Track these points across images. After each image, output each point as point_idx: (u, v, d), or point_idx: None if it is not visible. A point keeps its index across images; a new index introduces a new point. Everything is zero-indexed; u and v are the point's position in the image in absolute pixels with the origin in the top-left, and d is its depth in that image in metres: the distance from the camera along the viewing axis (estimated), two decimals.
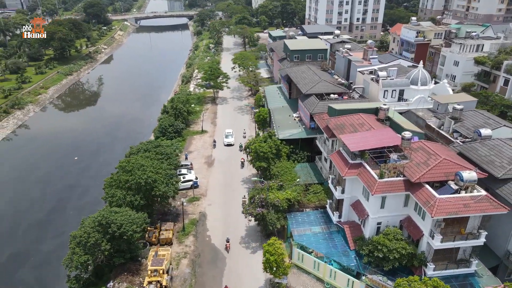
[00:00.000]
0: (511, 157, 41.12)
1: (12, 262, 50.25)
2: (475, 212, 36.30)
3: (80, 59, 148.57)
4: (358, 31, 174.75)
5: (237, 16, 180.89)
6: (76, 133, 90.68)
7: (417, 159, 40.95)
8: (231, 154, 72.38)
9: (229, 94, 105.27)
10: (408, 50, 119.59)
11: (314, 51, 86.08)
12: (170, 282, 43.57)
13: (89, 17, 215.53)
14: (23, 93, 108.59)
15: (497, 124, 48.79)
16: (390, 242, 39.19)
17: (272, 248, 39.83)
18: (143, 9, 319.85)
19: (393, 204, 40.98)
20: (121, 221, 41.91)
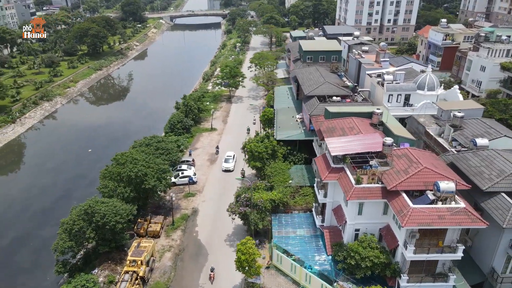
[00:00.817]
0: (502, 170, 38.95)
1: (13, 245, 53.55)
2: (450, 225, 34.74)
3: (111, 55, 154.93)
4: (389, 33, 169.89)
5: (266, 16, 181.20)
6: (95, 126, 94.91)
7: (399, 166, 39.68)
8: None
9: (245, 93, 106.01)
10: (435, 54, 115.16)
11: (328, 53, 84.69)
12: (150, 274, 44.93)
13: (126, 15, 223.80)
14: (53, 86, 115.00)
15: (497, 134, 46.21)
16: (363, 250, 38.34)
17: (244, 248, 40.06)
18: (181, 8, 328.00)
19: (371, 211, 39.98)
20: (105, 211, 43.73)
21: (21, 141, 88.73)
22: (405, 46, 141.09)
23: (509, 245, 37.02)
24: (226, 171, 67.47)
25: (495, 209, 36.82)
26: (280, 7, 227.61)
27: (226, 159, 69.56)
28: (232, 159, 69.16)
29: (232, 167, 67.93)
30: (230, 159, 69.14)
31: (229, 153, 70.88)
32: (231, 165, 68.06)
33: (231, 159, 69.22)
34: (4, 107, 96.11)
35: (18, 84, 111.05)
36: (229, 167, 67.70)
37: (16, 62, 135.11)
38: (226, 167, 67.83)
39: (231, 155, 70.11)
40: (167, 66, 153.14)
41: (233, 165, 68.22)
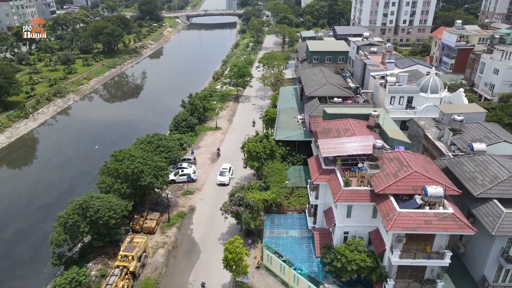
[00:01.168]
0: (495, 176, 37.94)
1: (15, 237, 55.21)
2: (437, 230, 34.06)
3: (125, 53, 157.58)
4: (404, 34, 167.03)
5: (280, 16, 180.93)
6: (105, 123, 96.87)
7: (389, 170, 39.14)
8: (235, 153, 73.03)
9: (253, 93, 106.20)
10: (449, 56, 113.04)
11: (334, 53, 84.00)
12: (141, 269, 45.66)
13: (143, 14, 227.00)
14: (66, 83, 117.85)
15: (497, 139, 44.99)
16: (350, 253, 38.00)
17: (231, 247, 40.31)
18: (198, 7, 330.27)
19: (360, 214, 39.54)
20: (99, 206, 44.73)
21: (32, 136, 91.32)
22: (419, 48, 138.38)
23: (500, 253, 36.10)
24: (221, 185, 63.12)
25: (485, 215, 35.92)
26: (296, 7, 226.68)
27: (221, 172, 65.13)
28: (228, 172, 64.87)
29: (227, 181, 63.28)
30: (226, 172, 64.84)
31: (225, 166, 66.62)
32: (226, 178, 63.41)
33: (227, 171, 64.90)
34: (18, 102, 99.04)
35: (33, 81, 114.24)
36: (224, 181, 63.20)
37: (34, 59, 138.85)
38: (221, 181, 63.48)
39: (226, 168, 65.74)
40: (180, 65, 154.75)
41: (228, 178, 63.38)
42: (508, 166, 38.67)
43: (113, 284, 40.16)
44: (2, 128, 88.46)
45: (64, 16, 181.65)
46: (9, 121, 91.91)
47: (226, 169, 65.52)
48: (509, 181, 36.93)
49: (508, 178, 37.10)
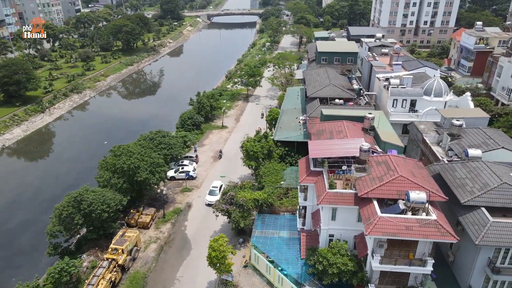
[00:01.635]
0: (486, 183, 36.71)
1: (18, 227, 57.21)
2: (418, 237, 33.28)
3: (144, 51, 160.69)
4: (425, 35, 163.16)
5: (297, 15, 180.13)
6: (117, 119, 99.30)
7: (376, 173, 38.50)
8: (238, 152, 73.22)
9: (264, 93, 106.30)
10: (467, 58, 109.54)
11: (343, 54, 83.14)
12: (131, 263, 46.65)
13: (165, 13, 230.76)
14: (84, 79, 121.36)
15: (495, 145, 43.48)
16: (332, 256, 37.65)
17: (215, 244, 40.66)
18: (221, 6, 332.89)
19: (345, 217, 39.09)
20: (92, 199, 45.98)
21: (47, 130, 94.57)
22: (437, 50, 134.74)
23: (487, 263, 34.92)
24: (210, 205, 56.08)
25: (471, 224, 34.84)
26: (316, 7, 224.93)
27: (211, 191, 59.33)
28: (219, 191, 58.37)
29: (216, 201, 54.20)
30: (216, 191, 58.86)
31: (215, 183, 60.73)
32: (216, 198, 55.68)
33: (217, 190, 58.75)
34: (37, 97, 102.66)
35: (52, 77, 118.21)
36: (213, 202, 54.97)
37: (56, 56, 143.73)
38: (210, 201, 56.97)
39: (217, 186, 59.64)
40: (197, 63, 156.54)
41: (218, 198, 54.59)
42: (500, 174, 37.35)
43: (100, 276, 41.22)
44: (18, 122, 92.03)
45: (87, 14, 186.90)
46: (26, 115, 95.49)
47: (216, 188, 59.50)
48: (499, 189, 35.67)
49: (499, 186, 35.84)
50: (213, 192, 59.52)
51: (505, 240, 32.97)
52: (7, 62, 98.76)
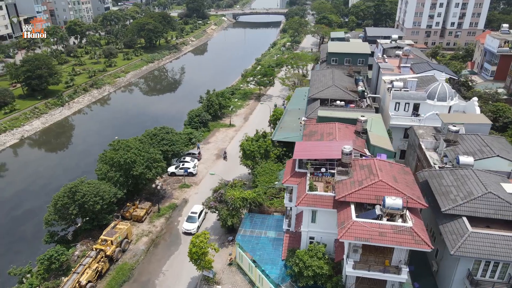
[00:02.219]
0: (470, 192, 35.36)
1: (23, 216, 59.94)
2: (391, 243, 32.49)
3: (166, 49, 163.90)
4: (452, 37, 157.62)
5: (320, 15, 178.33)
6: (131, 114, 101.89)
7: (357, 177, 37.87)
8: None
9: (276, 93, 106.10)
10: (491, 62, 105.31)
11: (354, 55, 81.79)
12: (120, 254, 47.98)
13: (190, 12, 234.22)
14: (104, 75, 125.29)
15: (490, 153, 41.71)
16: (309, 259, 37.34)
17: (196, 240, 41.22)
18: (248, 5, 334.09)
19: (325, 220, 38.67)
20: (85, 191, 47.65)
21: (65, 123, 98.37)
22: (461, 52, 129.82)
23: (466, 275, 33.66)
24: (187, 234, 51.98)
25: (450, 233, 33.70)
26: (342, 7, 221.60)
27: (189, 217, 53.48)
28: (198, 218, 53.13)
29: (194, 229, 51.59)
30: (195, 218, 53.11)
31: (195, 208, 54.86)
32: (194, 226, 51.99)
33: (196, 217, 53.17)
34: (58, 91, 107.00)
35: (75, 72, 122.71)
36: (190, 230, 51.64)
37: (81, 52, 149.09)
38: (186, 230, 52.03)
39: (196, 212, 53.75)
40: (216, 62, 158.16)
41: (196, 226, 51.83)
42: (487, 183, 35.88)
43: (86, 265, 42.69)
44: (38, 114, 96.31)
45: (114, 12, 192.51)
46: (46, 108, 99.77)
47: (195, 214, 53.75)
48: (483, 199, 34.28)
49: (483, 195, 34.45)
50: (192, 218, 53.35)
51: (484, 252, 31.69)
52: (30, 58, 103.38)
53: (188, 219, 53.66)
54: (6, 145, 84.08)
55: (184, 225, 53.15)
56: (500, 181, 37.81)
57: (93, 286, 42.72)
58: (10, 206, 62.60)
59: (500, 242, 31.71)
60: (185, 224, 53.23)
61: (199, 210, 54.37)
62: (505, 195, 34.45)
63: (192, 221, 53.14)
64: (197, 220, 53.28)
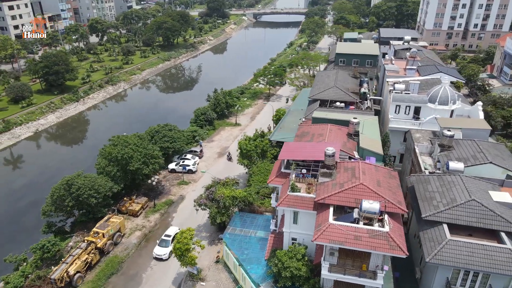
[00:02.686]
0: (454, 198, 34.38)
1: (27, 206, 62.04)
2: (365, 248, 32.01)
3: (183, 47, 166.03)
4: (475, 39, 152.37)
5: (337, 16, 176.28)
6: (142, 111, 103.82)
7: (340, 179, 37.46)
8: None
9: (286, 93, 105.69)
10: (510, 66, 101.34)
11: (362, 56, 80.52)
12: (112, 247, 49.15)
13: (211, 11, 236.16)
14: (120, 72, 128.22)
15: (483, 160, 40.37)
16: (288, 260, 37.23)
17: (180, 237, 41.78)
18: (270, 5, 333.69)
19: (307, 222, 38.36)
20: (80, 184, 49.09)
21: (78, 118, 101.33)
22: (482, 55, 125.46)
23: (445, 283, 32.76)
24: (158, 259, 47.82)
25: (429, 240, 32.89)
26: (362, 7, 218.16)
27: (161, 241, 48.81)
28: (171, 242, 47.76)
29: (166, 254, 47.37)
30: (168, 241, 48.41)
31: (169, 231, 50.22)
32: (166, 251, 47.59)
33: (169, 240, 48.40)
34: (74, 87, 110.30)
35: (92, 69, 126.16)
36: (161, 255, 47.46)
37: (101, 49, 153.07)
38: (157, 255, 47.63)
39: (170, 235, 49.10)
40: (233, 60, 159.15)
41: (169, 251, 47.20)
42: (473, 190, 34.78)
43: (76, 256, 44.00)
44: (54, 109, 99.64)
45: (136, 11, 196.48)
46: (62, 103, 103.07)
47: (168, 237, 48.92)
48: (466, 206, 33.27)
49: (466, 203, 33.45)
50: (164, 242, 48.53)
51: (461, 261, 30.80)
52: (48, 54, 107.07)
53: (161, 243, 48.67)
54: (21, 138, 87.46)
55: (156, 250, 48.25)
56: (489, 188, 36.57)
57: (81, 277, 44.01)
58: (17, 197, 65.12)
59: (478, 251, 30.72)
60: (156, 249, 48.30)
61: (173, 233, 49.14)
62: (489, 203, 33.30)
63: (165, 245, 48.28)
64: (170, 244, 47.79)
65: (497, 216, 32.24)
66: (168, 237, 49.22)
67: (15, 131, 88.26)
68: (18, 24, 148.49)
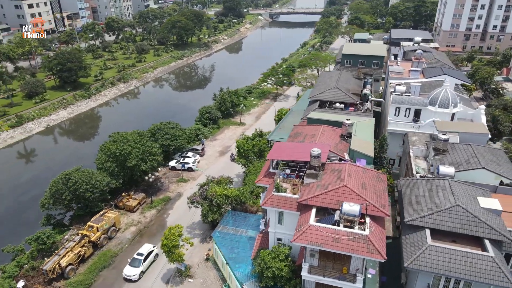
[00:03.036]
0: (439, 203, 33.65)
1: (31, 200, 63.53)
2: (344, 250, 31.67)
3: (196, 46, 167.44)
4: (493, 41, 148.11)
5: (352, 16, 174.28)
6: (152, 109, 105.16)
7: (325, 181, 37.14)
8: None
9: (294, 93, 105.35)
10: None
11: (368, 57, 79.26)
12: (106, 241, 50.12)
13: (227, 10, 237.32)
14: (133, 70, 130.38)
15: (476, 165, 39.34)
16: (271, 260, 37.23)
17: (168, 233, 42.31)
18: (288, 5, 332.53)
19: (291, 222, 38.08)
20: (77, 179, 50.27)
21: (89, 114, 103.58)
22: (498, 57, 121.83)
23: None
24: (127, 280, 44.34)
25: (410, 245, 32.27)
26: (379, 8, 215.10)
27: (133, 260, 45.34)
28: (143, 261, 45.03)
29: (136, 275, 43.96)
30: (139, 260, 44.98)
31: (142, 249, 46.66)
32: (136, 272, 44.17)
33: (141, 260, 45.02)
34: (86, 84, 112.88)
35: (106, 66, 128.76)
36: (131, 276, 44.03)
37: (116, 47, 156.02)
38: (127, 275, 44.20)
39: (143, 254, 45.65)
40: (245, 60, 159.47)
41: (139, 272, 44.25)
42: (459, 195, 33.97)
43: (69, 248, 45.11)
44: (65, 105, 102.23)
45: (152, 10, 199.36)
46: (74, 99, 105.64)
47: (140, 256, 45.38)
48: (450, 211, 32.53)
49: (450, 208, 32.70)
50: (136, 262, 44.87)
51: (441, 268, 30.13)
52: (62, 51, 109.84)
53: (132, 262, 45.07)
54: (32, 132, 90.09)
55: (125, 270, 44.71)
56: (479, 194, 35.62)
57: (73, 269, 45.07)
58: (23, 190, 67.06)
59: (459, 258, 29.99)
60: (126, 269, 44.76)
61: (146, 251, 45.95)
62: (474, 210, 32.44)
63: (136, 265, 44.64)
64: (141, 264, 44.64)
65: (481, 222, 31.38)
66: (141, 255, 45.44)
67: (27, 126, 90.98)
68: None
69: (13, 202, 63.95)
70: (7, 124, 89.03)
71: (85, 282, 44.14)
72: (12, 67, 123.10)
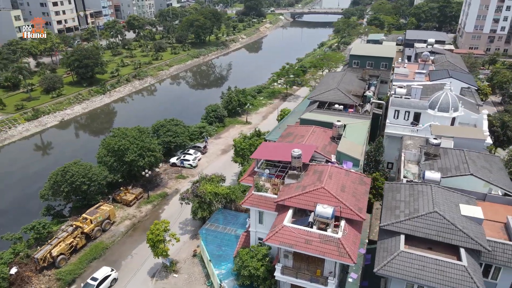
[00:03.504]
0: (417, 209, 32.79)
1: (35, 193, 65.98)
2: (314, 252, 31.49)
3: (214, 45, 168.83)
4: None
5: (371, 16, 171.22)
6: (163, 106, 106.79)
7: (305, 182, 36.94)
8: None
9: (304, 93, 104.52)
10: None
11: (377, 59, 77.95)
12: (99, 233, 51.46)
13: (248, 10, 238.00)
14: (149, 67, 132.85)
15: (465, 171, 38.07)
16: (249, 259, 37.33)
17: (154, 228, 43.07)
18: (312, 4, 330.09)
19: (271, 222, 38.01)
20: (74, 172, 51.86)
21: (103, 110, 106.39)
22: None
23: None
24: None
25: (383, 250, 31.59)
26: (402, 8, 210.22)
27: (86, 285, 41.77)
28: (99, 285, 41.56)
29: None
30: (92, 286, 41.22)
31: (98, 273, 42.88)
32: None
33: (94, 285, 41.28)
34: (102, 80, 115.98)
35: (123, 63, 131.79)
36: None
37: (135, 45, 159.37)
38: None
39: (97, 278, 41.89)
40: (261, 59, 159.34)
41: None
42: (439, 202, 32.98)
43: (61, 238, 46.63)
44: (80, 100, 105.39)
45: (173, 8, 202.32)
46: (89, 95, 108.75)
47: (94, 282, 41.54)
48: (426, 218, 31.63)
49: (427, 214, 31.77)
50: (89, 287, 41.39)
51: (411, 275, 29.32)
52: (80, 48, 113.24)
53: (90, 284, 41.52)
54: (47, 126, 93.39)
55: None
56: (463, 202, 34.43)
57: (65, 259, 46.56)
58: (26, 184, 69.24)
59: (430, 265, 29.12)
60: None
61: (102, 276, 42.08)
62: (452, 217, 31.40)
63: None
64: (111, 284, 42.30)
65: (458, 230, 30.35)
66: (95, 280, 41.61)
67: (42, 119, 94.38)
68: (61, 20, 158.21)
69: (20, 192, 66.48)
70: (24, 117, 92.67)
71: (74, 272, 45.53)
72: (34, 62, 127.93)
